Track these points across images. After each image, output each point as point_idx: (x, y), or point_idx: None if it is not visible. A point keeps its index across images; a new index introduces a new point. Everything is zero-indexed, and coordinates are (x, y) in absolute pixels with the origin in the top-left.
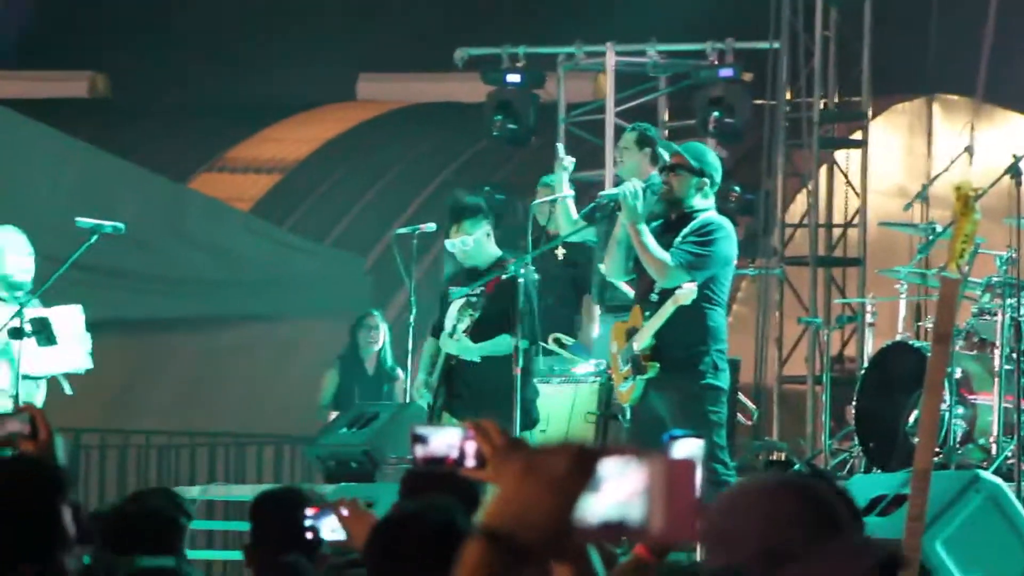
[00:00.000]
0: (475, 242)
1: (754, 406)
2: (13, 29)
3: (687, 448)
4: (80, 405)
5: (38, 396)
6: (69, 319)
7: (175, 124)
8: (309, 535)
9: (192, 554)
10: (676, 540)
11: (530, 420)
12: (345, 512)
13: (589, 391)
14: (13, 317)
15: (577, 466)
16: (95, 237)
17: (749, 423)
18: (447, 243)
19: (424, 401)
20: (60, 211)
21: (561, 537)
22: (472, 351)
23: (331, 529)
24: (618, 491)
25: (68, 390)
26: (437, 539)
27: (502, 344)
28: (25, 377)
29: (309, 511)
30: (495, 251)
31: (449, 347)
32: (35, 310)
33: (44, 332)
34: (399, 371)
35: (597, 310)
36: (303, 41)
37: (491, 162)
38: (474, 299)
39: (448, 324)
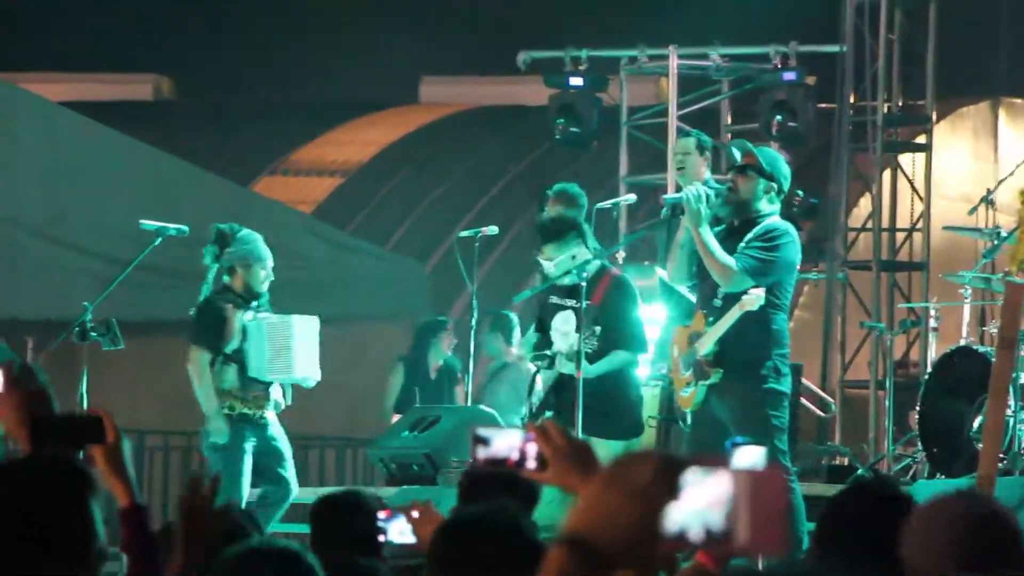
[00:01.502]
0: (558, 265)
1: (822, 412)
2: None
3: (749, 455)
4: (143, 406)
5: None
6: (306, 328)
7: (238, 127)
8: (381, 538)
9: None
10: (762, 552)
11: (637, 426)
12: (416, 515)
13: (650, 395)
14: (80, 319)
15: (662, 476)
16: (159, 239)
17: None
18: (539, 259)
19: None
20: (124, 214)
21: (643, 546)
22: (590, 371)
23: (399, 532)
24: (697, 500)
25: (288, 399)
26: (501, 543)
27: (617, 360)
28: (256, 381)
29: (381, 514)
30: (591, 265)
31: (565, 368)
32: (271, 316)
33: (110, 334)
34: (460, 374)
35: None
36: (366, 45)
37: (553, 165)
38: (588, 324)
39: (557, 340)
